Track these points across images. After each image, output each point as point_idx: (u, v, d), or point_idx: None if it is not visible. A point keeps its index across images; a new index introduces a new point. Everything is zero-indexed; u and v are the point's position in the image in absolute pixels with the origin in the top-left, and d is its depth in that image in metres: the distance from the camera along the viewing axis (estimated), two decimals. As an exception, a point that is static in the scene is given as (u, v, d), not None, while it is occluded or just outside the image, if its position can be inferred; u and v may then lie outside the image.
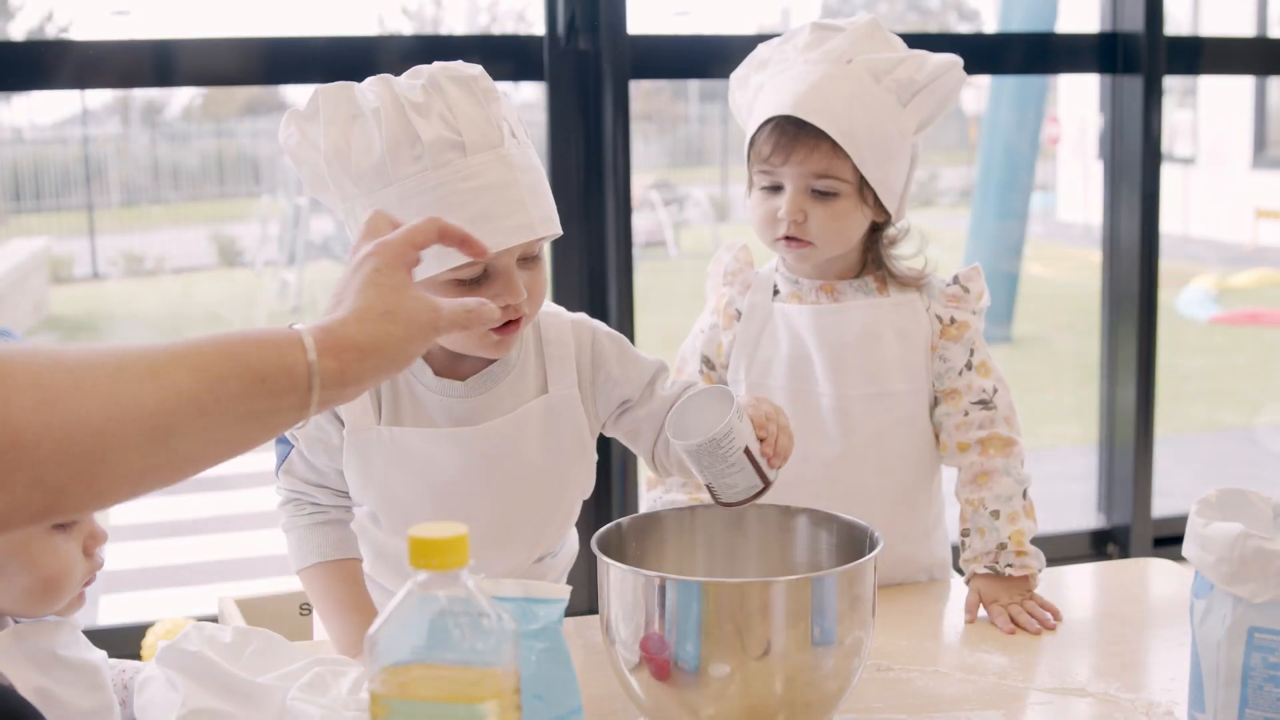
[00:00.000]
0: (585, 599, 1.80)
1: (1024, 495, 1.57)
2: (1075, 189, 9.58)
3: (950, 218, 9.11)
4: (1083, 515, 3.61)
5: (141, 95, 6.54)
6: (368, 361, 0.96)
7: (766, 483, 1.30)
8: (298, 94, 1.26)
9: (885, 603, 1.58)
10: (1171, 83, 7.08)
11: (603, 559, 1.17)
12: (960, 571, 1.63)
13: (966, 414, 1.60)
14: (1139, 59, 3.14)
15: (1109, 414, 3.37)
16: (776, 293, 1.66)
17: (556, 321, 1.47)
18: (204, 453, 0.90)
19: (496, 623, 0.82)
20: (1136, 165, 3.19)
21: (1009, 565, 1.53)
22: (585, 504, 1.54)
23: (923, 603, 1.60)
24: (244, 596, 1.69)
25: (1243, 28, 7.98)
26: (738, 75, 1.68)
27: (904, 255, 1.65)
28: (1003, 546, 1.54)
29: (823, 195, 1.56)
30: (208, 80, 2.87)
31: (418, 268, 1.32)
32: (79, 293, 7.05)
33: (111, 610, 3.57)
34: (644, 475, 1.72)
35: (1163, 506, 3.42)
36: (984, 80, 6.57)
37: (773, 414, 1.33)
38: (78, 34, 6.09)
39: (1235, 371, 7.12)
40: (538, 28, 2.91)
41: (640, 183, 8.34)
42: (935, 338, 1.62)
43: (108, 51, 2.61)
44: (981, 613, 1.52)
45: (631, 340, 1.82)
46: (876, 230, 1.63)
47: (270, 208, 7.13)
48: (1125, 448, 3.33)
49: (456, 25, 6.86)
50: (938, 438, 1.64)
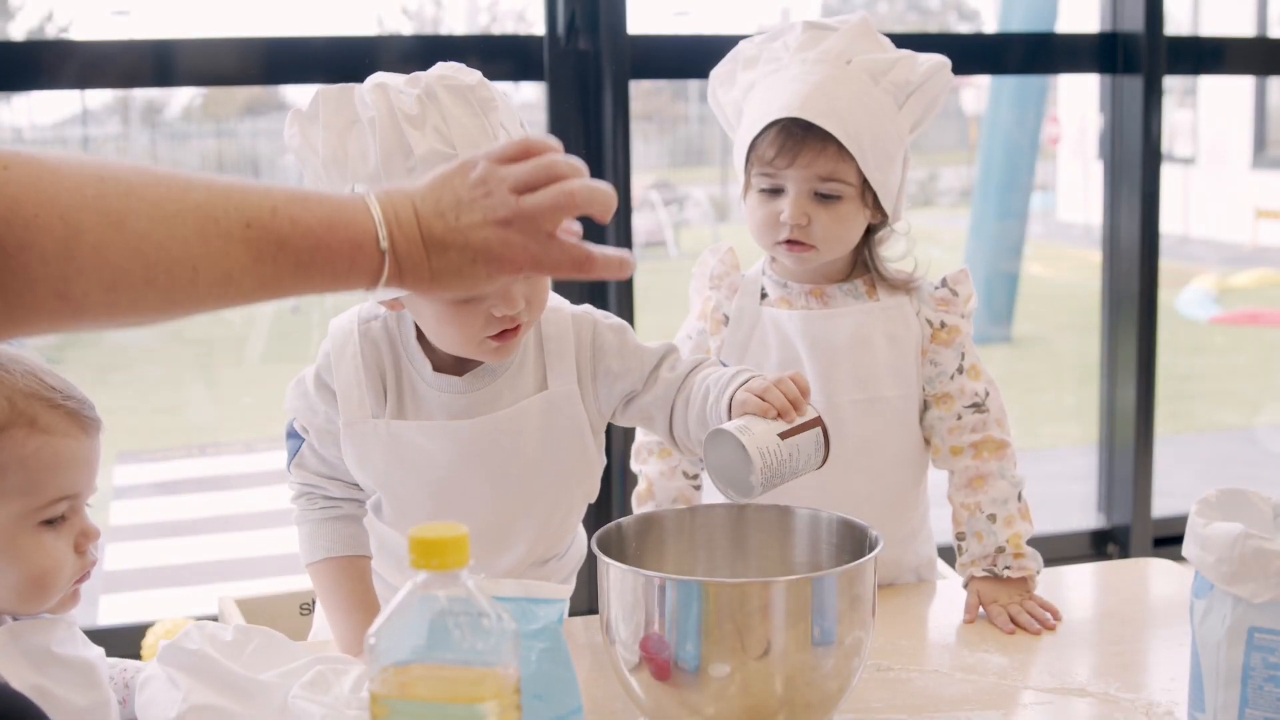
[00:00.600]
0: (585, 599, 1.80)
1: (1019, 498, 1.58)
2: (1075, 189, 9.58)
3: (950, 218, 9.11)
4: (1083, 515, 3.61)
5: (141, 95, 6.53)
6: (433, 254, 1.00)
7: (817, 422, 1.27)
8: (298, 94, 1.26)
9: (885, 603, 1.59)
10: (1171, 83, 7.08)
11: (603, 559, 1.17)
12: (953, 566, 1.63)
13: (960, 418, 1.60)
14: (1139, 59, 3.14)
15: (1109, 414, 3.37)
16: (764, 296, 1.65)
17: (557, 316, 1.47)
18: (247, 301, 0.96)
19: (496, 623, 0.82)
20: (1136, 165, 3.19)
21: (1007, 567, 1.53)
22: (588, 504, 1.54)
23: (922, 603, 1.60)
24: (244, 596, 1.69)
25: (1243, 28, 7.98)
26: (720, 73, 1.66)
27: (892, 257, 1.64)
28: (1001, 550, 1.54)
29: (825, 198, 1.55)
30: (208, 80, 2.87)
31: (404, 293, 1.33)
32: (79, 293, 7.06)
33: (111, 610, 3.56)
34: (635, 490, 1.71)
35: (1163, 506, 3.42)
36: (984, 80, 6.57)
37: (764, 389, 1.28)
38: (78, 34, 6.10)
39: (1235, 371, 7.12)
40: (538, 28, 2.91)
41: (640, 183, 8.33)
42: (926, 342, 1.61)
43: (108, 51, 2.61)
44: (981, 612, 1.52)
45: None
46: (869, 233, 1.62)
47: (270, 208, 7.13)
48: (1125, 448, 3.33)
49: (456, 25, 6.86)
50: (928, 441, 1.64)
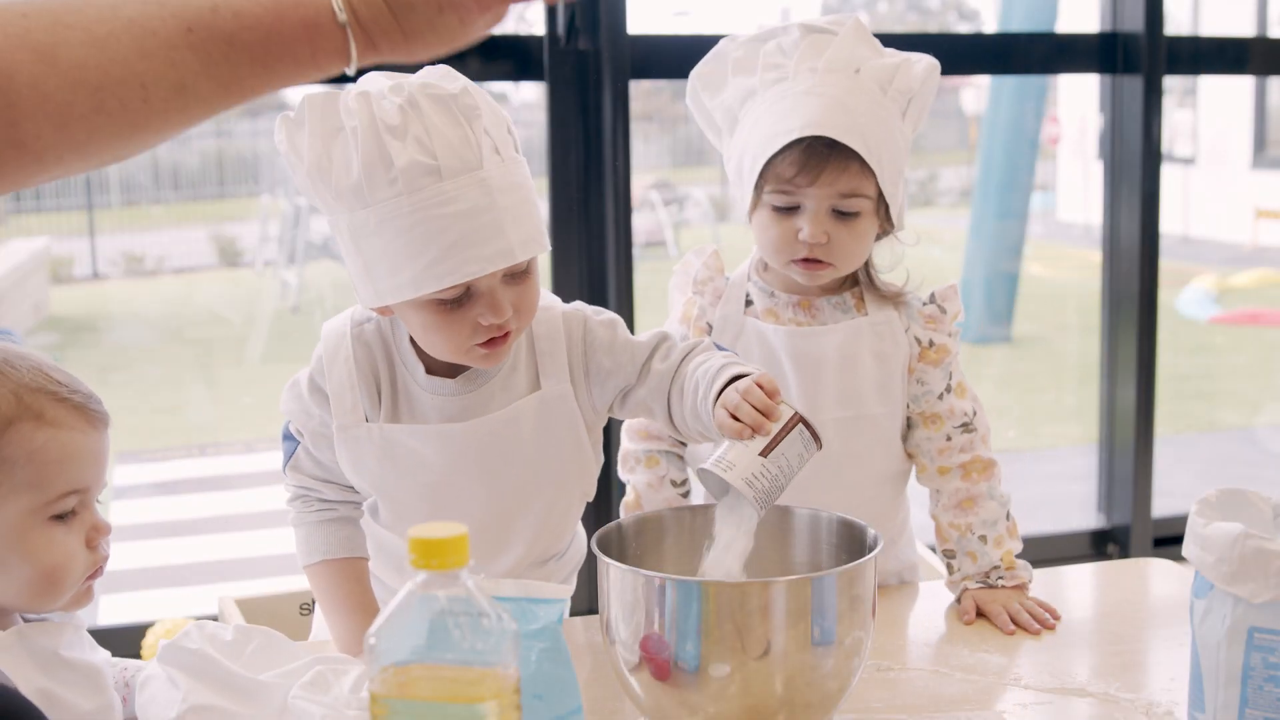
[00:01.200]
0: (585, 599, 1.80)
1: (1007, 517, 1.59)
2: (1075, 189, 9.57)
3: (950, 218, 9.10)
4: (1083, 515, 3.61)
5: (141, 95, 6.53)
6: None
7: (795, 420, 1.26)
8: (298, 94, 1.25)
9: (885, 603, 1.59)
10: (1171, 83, 7.08)
11: (603, 559, 1.17)
12: (934, 559, 1.64)
13: (949, 438, 1.60)
14: (1139, 59, 3.14)
15: (1109, 414, 3.37)
16: (749, 304, 1.62)
17: (548, 315, 1.46)
18: (214, 109, 0.91)
19: (496, 623, 0.82)
20: (1136, 165, 3.19)
21: (1000, 578, 1.55)
22: (587, 505, 1.54)
23: (922, 603, 1.60)
24: (244, 596, 1.69)
25: (1243, 28, 7.98)
26: (703, 73, 1.61)
27: (881, 266, 1.62)
28: (995, 567, 1.56)
29: (844, 215, 1.52)
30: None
31: (399, 290, 1.32)
32: (79, 293, 7.04)
33: (111, 610, 3.56)
34: (623, 501, 1.69)
35: (1163, 506, 3.42)
36: (984, 80, 6.57)
37: (737, 406, 1.27)
38: (78, 34, 6.08)
39: (1235, 371, 7.11)
40: (538, 28, 2.91)
41: (640, 183, 8.33)
42: (913, 360, 1.60)
43: (108, 51, 2.60)
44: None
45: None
46: None
47: (270, 208, 7.12)
48: (1125, 448, 3.33)
49: (456, 25, 6.85)
50: (915, 458, 1.63)
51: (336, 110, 1.31)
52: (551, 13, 2.76)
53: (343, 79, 1.36)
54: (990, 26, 7.06)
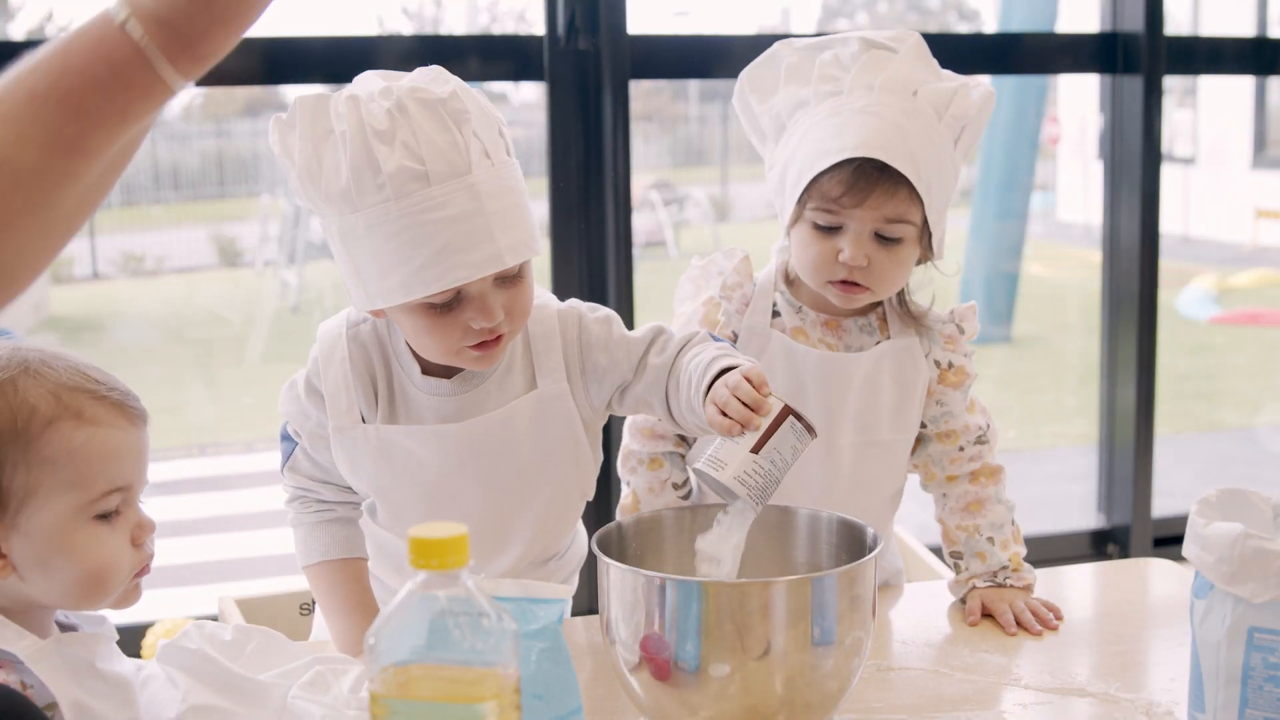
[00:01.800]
0: (585, 599, 1.80)
1: (1012, 522, 1.60)
2: (1075, 189, 9.57)
3: (950, 217, 9.10)
4: (1083, 515, 3.61)
5: (141, 95, 6.53)
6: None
7: (785, 413, 1.24)
8: (298, 94, 1.25)
9: (884, 603, 1.59)
10: (1171, 83, 7.08)
11: (603, 559, 1.17)
12: (946, 563, 1.63)
13: (961, 449, 1.60)
14: (1139, 59, 3.14)
15: (1109, 414, 3.37)
16: (775, 315, 1.59)
17: (543, 314, 1.46)
18: (53, 170, 0.83)
19: (496, 623, 0.82)
20: (1136, 165, 3.19)
21: (1008, 578, 1.55)
22: (587, 504, 1.54)
23: (922, 603, 1.60)
24: (244, 596, 1.69)
25: (1243, 28, 7.98)
26: (754, 75, 1.57)
27: (910, 285, 1.60)
28: (1004, 567, 1.56)
29: (887, 240, 1.48)
30: (208, 80, 2.86)
31: (389, 294, 1.31)
32: (79, 293, 7.04)
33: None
34: (620, 503, 1.68)
35: (1163, 506, 3.42)
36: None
37: (726, 402, 1.26)
38: (78, 34, 6.08)
39: (1235, 371, 7.11)
40: (538, 28, 2.91)
41: (640, 183, 8.33)
42: (933, 383, 1.59)
43: (108, 51, 2.60)
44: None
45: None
46: None
47: (270, 208, 7.12)
48: (1125, 448, 3.33)
49: (456, 25, 6.86)
50: (924, 468, 1.63)
51: (327, 113, 1.31)
52: (551, 12, 2.76)
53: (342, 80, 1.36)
54: (990, 26, 7.06)
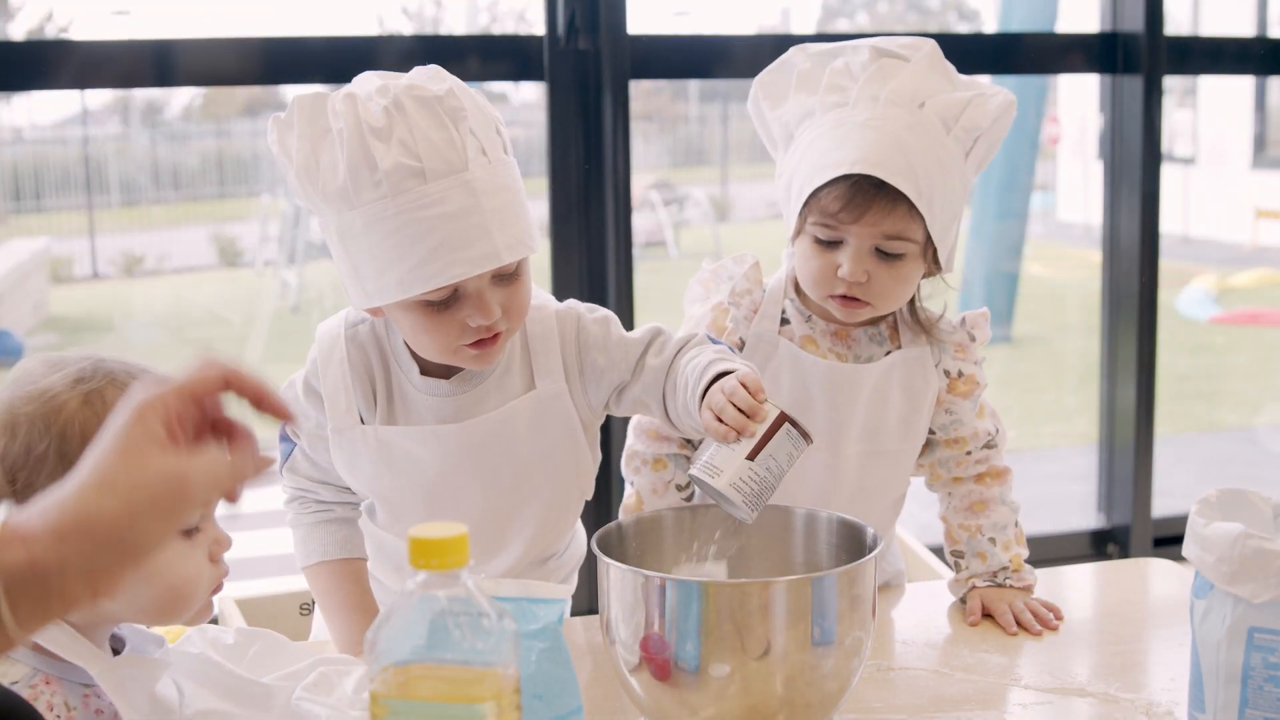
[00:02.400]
0: (585, 599, 1.79)
1: (1016, 523, 1.59)
2: (1075, 189, 9.56)
3: (950, 218, 9.08)
4: (1083, 515, 3.61)
5: (141, 95, 6.54)
6: (69, 546, 0.76)
7: (781, 420, 1.24)
8: (297, 94, 1.25)
9: (884, 603, 1.59)
10: (1171, 83, 7.07)
11: (603, 559, 1.17)
12: (947, 563, 1.63)
13: (969, 453, 1.60)
14: (1139, 59, 3.13)
15: (1109, 414, 3.37)
16: (784, 322, 1.58)
17: (542, 315, 1.46)
18: None
19: (496, 623, 0.82)
20: (1136, 165, 3.19)
21: (1008, 579, 1.55)
22: (587, 504, 1.54)
23: (922, 603, 1.60)
24: (244, 596, 1.69)
25: (1243, 28, 7.97)
26: (767, 82, 1.56)
27: (921, 293, 1.59)
28: (1004, 568, 1.56)
29: (887, 256, 1.47)
30: (208, 80, 2.87)
31: (386, 292, 1.31)
32: (79, 293, 7.04)
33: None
34: (623, 503, 1.67)
35: (1163, 506, 3.42)
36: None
37: (722, 408, 1.27)
38: (78, 34, 6.09)
39: (1235, 371, 7.11)
40: (538, 28, 2.91)
41: (640, 183, 8.32)
42: (942, 392, 1.58)
43: (108, 51, 2.61)
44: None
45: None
46: None
47: (270, 208, 7.12)
48: (1125, 448, 3.33)
49: (456, 25, 6.85)
50: (930, 469, 1.63)
51: (324, 112, 1.31)
52: (551, 12, 2.76)
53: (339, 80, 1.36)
54: (990, 26, 7.06)
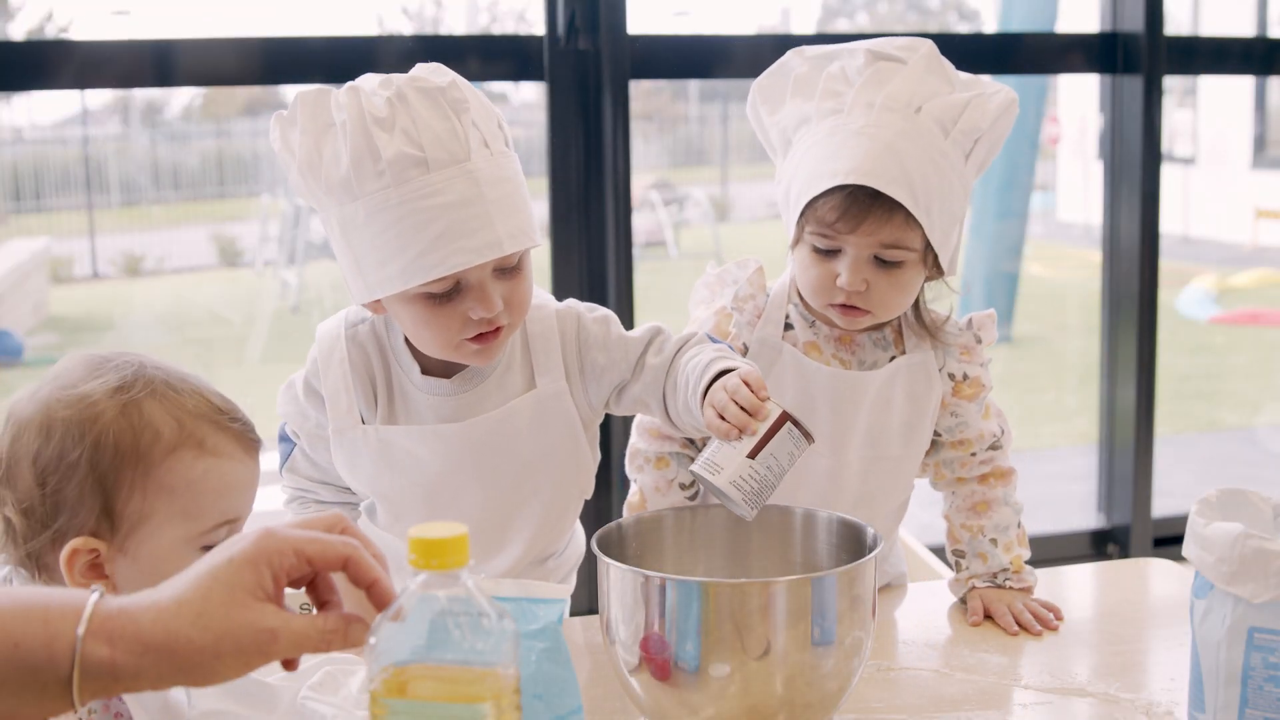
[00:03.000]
0: (585, 599, 1.79)
1: (1018, 524, 1.59)
2: (1075, 189, 9.56)
3: (950, 218, 9.07)
4: (1083, 515, 3.61)
5: (141, 95, 6.54)
6: (149, 660, 0.80)
7: (782, 419, 1.24)
8: (298, 92, 1.26)
9: (884, 603, 1.59)
10: (1171, 83, 7.07)
11: (603, 559, 1.17)
12: (947, 563, 1.63)
13: (974, 454, 1.60)
14: (1139, 59, 3.14)
15: (1109, 414, 3.38)
16: (788, 327, 1.57)
17: (542, 314, 1.46)
18: None
19: (496, 623, 0.82)
20: (1136, 165, 3.19)
21: (1008, 580, 1.55)
22: (586, 504, 1.54)
23: (923, 603, 1.60)
24: (244, 596, 1.68)
25: (1243, 28, 7.97)
26: (765, 86, 1.55)
27: (926, 295, 1.58)
28: (1004, 569, 1.56)
29: (886, 264, 1.46)
30: (208, 80, 2.87)
31: (388, 283, 1.31)
32: (79, 293, 7.04)
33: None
34: (627, 500, 1.67)
35: (1163, 506, 3.42)
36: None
37: (724, 406, 1.27)
38: (78, 34, 6.10)
39: (1235, 371, 7.11)
40: (538, 28, 2.91)
41: (640, 183, 8.32)
42: (947, 395, 1.57)
43: (108, 51, 2.61)
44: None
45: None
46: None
47: (270, 208, 7.12)
48: (1125, 448, 3.33)
49: (456, 25, 6.85)
50: (935, 469, 1.63)
51: (328, 106, 1.32)
52: (551, 12, 2.76)
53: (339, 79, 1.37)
54: (990, 26, 7.06)
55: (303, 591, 0.89)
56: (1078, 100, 8.64)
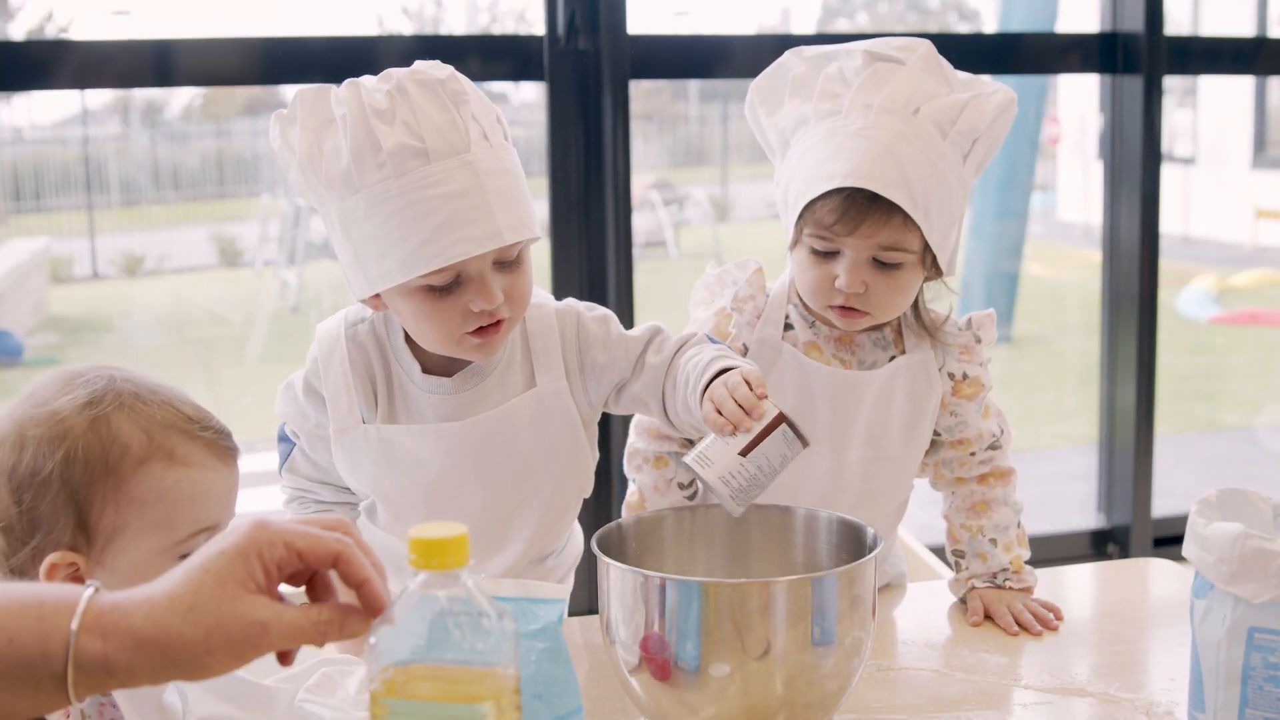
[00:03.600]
0: (585, 599, 1.79)
1: (1018, 525, 1.59)
2: (1075, 189, 9.56)
3: (950, 218, 9.06)
4: (1083, 515, 3.61)
5: (141, 95, 6.53)
6: (142, 655, 0.80)
7: (778, 421, 1.24)
8: (300, 87, 1.27)
9: (884, 603, 1.59)
10: (1171, 83, 7.07)
11: (603, 559, 1.17)
12: (948, 564, 1.63)
13: (973, 454, 1.60)
14: (1139, 59, 3.14)
15: (1109, 414, 3.38)
16: (788, 328, 1.57)
17: (541, 313, 1.46)
18: None
19: (496, 623, 0.82)
20: (1136, 165, 3.19)
21: (1008, 580, 1.55)
22: (585, 504, 1.54)
23: (923, 603, 1.60)
24: (244, 596, 1.68)
25: (1243, 28, 7.97)
26: (763, 87, 1.55)
27: (926, 295, 1.58)
28: (1004, 569, 1.56)
29: (884, 265, 1.46)
30: (208, 80, 2.87)
31: (389, 275, 1.31)
32: (79, 293, 7.04)
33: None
34: (625, 500, 1.68)
35: (1163, 506, 3.42)
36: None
37: (722, 401, 1.27)
38: (78, 34, 6.09)
39: (1235, 371, 7.11)
40: (538, 28, 2.91)
41: (640, 183, 8.32)
42: (947, 395, 1.57)
43: (108, 51, 2.61)
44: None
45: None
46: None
47: (270, 208, 7.12)
48: (1125, 448, 3.33)
49: (456, 25, 6.85)
50: (935, 469, 1.63)
51: (328, 102, 1.33)
52: (551, 12, 2.76)
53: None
54: (990, 26, 7.06)
55: (302, 591, 0.89)
56: (1078, 100, 8.64)
